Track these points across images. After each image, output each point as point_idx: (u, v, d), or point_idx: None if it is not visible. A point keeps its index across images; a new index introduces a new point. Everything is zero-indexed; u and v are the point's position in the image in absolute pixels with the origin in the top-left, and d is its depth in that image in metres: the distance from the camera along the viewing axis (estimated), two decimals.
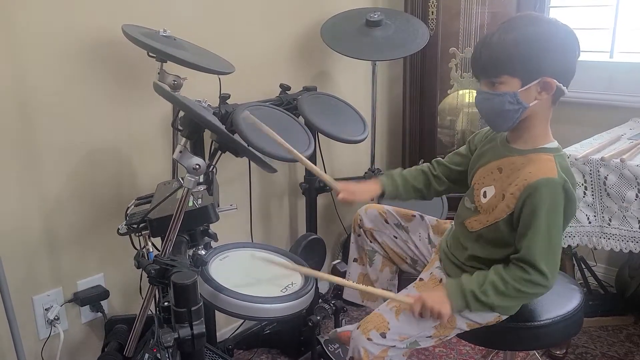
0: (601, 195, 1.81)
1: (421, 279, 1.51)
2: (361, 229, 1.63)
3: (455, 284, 1.32)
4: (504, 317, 1.37)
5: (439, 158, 1.59)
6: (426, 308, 1.29)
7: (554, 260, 1.26)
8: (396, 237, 1.61)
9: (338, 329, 1.62)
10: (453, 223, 1.52)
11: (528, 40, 1.23)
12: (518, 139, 1.35)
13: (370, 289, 1.47)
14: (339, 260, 1.99)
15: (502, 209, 1.31)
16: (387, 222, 1.61)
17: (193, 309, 1.09)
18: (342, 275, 1.79)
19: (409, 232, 1.60)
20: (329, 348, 1.99)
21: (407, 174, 1.56)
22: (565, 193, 1.25)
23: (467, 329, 1.38)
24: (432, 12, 2.36)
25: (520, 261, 1.27)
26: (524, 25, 1.25)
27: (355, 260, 1.69)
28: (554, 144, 1.33)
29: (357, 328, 1.37)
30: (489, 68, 1.28)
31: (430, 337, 1.37)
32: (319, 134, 1.92)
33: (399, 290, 1.64)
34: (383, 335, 1.34)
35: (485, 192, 1.37)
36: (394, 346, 1.34)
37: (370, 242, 1.63)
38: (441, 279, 1.46)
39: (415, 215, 1.61)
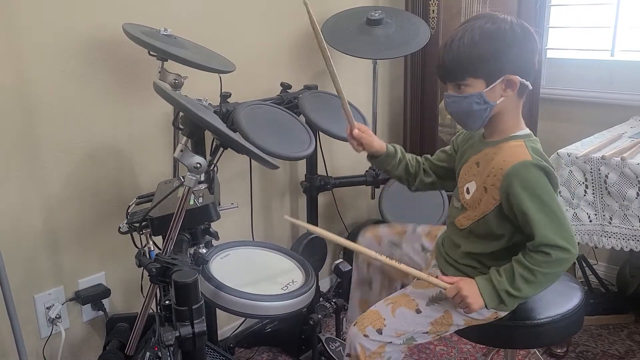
0: (602, 194, 1.81)
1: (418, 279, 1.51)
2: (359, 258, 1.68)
3: (488, 284, 1.30)
4: (502, 315, 1.37)
5: (427, 155, 1.62)
6: (460, 296, 1.29)
7: (566, 230, 1.26)
8: (392, 258, 1.61)
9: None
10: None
11: (486, 40, 1.26)
12: (492, 133, 1.38)
13: (403, 267, 1.37)
14: (340, 260, 1.99)
15: (489, 201, 1.32)
16: (380, 244, 1.63)
17: (194, 307, 1.09)
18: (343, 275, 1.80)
19: (402, 247, 1.62)
20: (330, 346, 1.99)
21: (407, 155, 1.60)
22: (542, 170, 1.26)
23: (465, 325, 1.38)
24: (433, 10, 2.37)
25: (539, 246, 1.27)
26: (480, 25, 1.27)
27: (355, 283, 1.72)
28: (525, 131, 1.36)
29: (354, 325, 1.38)
30: (453, 72, 1.30)
31: (426, 332, 1.37)
32: (319, 132, 1.92)
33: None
34: (379, 332, 1.34)
35: (467, 188, 1.39)
36: (391, 342, 1.35)
37: (366, 271, 1.67)
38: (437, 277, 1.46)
39: (407, 230, 1.64)
